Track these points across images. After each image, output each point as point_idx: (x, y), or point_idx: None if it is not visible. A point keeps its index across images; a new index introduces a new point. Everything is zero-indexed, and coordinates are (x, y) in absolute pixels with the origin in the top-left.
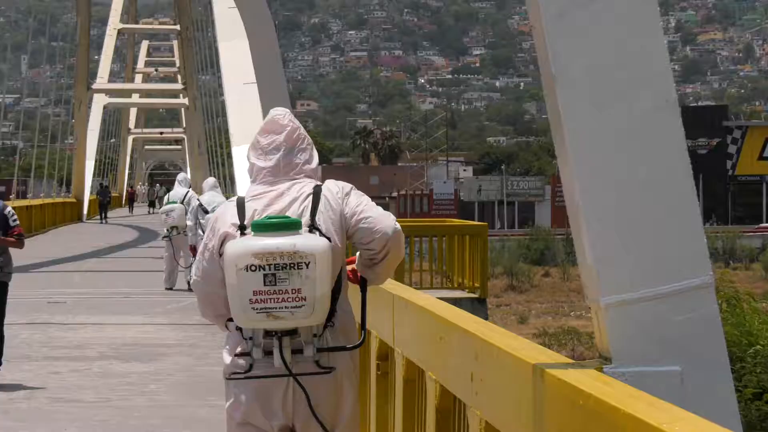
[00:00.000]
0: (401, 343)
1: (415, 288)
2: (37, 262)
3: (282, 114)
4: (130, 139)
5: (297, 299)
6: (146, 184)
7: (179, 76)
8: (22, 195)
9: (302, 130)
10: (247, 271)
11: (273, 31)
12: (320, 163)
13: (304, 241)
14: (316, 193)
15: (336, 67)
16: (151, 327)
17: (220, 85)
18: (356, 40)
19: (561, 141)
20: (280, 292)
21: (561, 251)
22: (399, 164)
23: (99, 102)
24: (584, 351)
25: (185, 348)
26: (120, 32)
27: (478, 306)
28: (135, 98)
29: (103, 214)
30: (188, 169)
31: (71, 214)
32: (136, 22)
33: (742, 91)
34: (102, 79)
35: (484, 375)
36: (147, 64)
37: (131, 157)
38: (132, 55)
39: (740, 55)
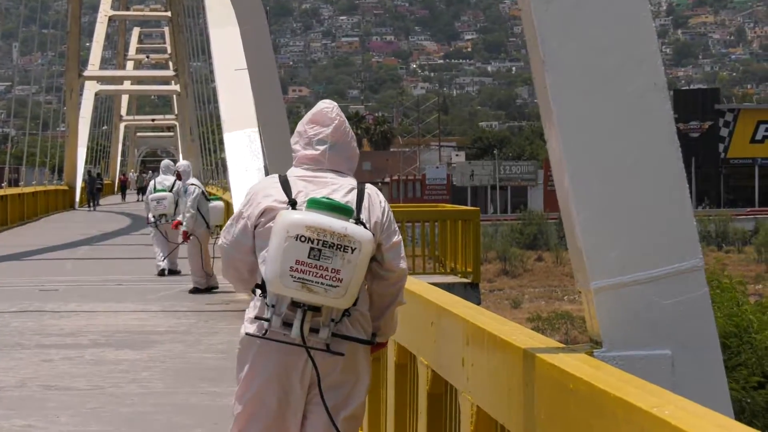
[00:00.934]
0: None
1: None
2: (28, 249)
3: (330, 107)
4: (122, 126)
5: (334, 279)
6: (136, 171)
7: (171, 63)
8: (14, 183)
9: (347, 124)
10: (297, 240)
11: (264, 17)
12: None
13: (354, 228)
14: (361, 190)
15: (327, 52)
16: (143, 314)
17: (212, 72)
18: (348, 26)
19: (550, 125)
20: (321, 268)
21: (554, 235)
22: (391, 149)
23: (90, 89)
24: (578, 335)
25: (178, 335)
26: (111, 19)
27: (470, 291)
28: (126, 85)
29: (91, 202)
30: (180, 156)
31: (63, 201)
32: (127, 9)
33: (734, 74)
34: (93, 66)
35: (475, 360)
36: (138, 50)
37: (123, 144)
38: (123, 41)
39: (732, 38)
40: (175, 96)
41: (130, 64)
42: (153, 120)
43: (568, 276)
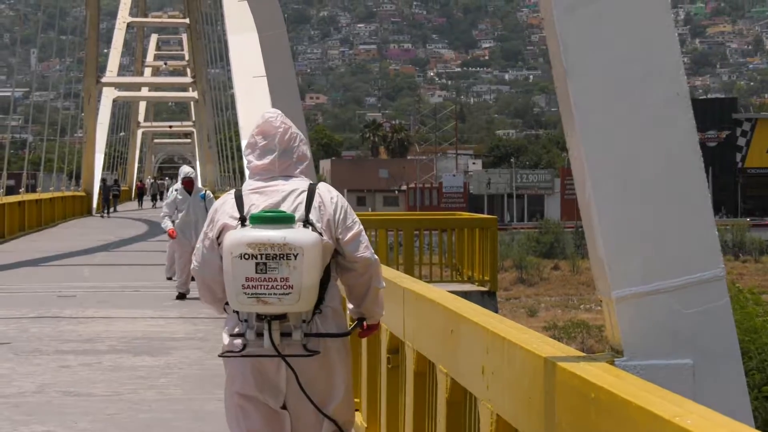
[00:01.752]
0: (412, 336)
1: (425, 281)
2: (46, 255)
3: (274, 116)
4: (139, 132)
5: (285, 287)
6: (151, 177)
7: (188, 70)
8: (31, 188)
9: (294, 129)
10: (241, 258)
11: (282, 24)
12: (329, 156)
13: (294, 234)
14: (311, 191)
15: (345, 60)
16: (161, 320)
17: (230, 79)
18: (365, 33)
19: (572, 134)
20: (270, 279)
21: (570, 244)
22: (408, 157)
23: (108, 95)
24: (594, 344)
25: (195, 341)
26: (129, 25)
27: (487, 299)
28: (144, 92)
29: (105, 209)
30: (197, 163)
31: (80, 207)
32: (146, 16)
33: (752, 83)
34: (111, 73)
35: (495, 368)
36: (156, 57)
37: (140, 151)
38: (141, 48)
39: (749, 47)
40: (192, 103)
41: (147, 71)
42: (170, 127)
43: (584, 285)
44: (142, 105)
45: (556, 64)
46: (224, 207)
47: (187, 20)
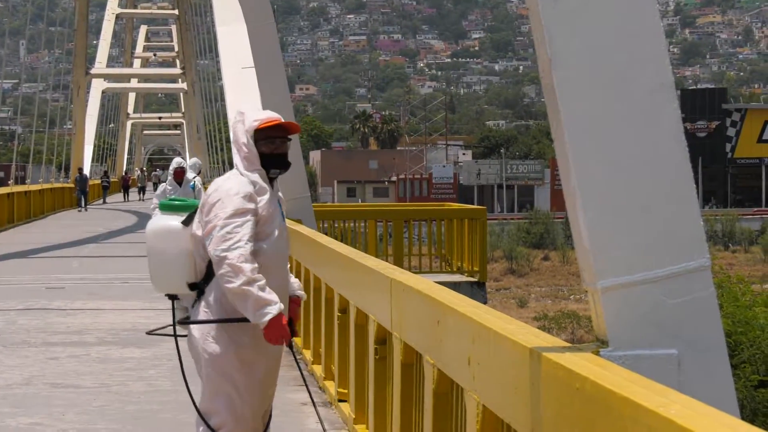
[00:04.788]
0: (399, 327)
1: (414, 272)
2: (35, 247)
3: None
4: (129, 124)
5: (150, 270)
6: (138, 169)
7: (178, 61)
8: (20, 180)
9: (236, 126)
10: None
11: (271, 15)
12: (319, 147)
13: (151, 223)
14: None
15: (335, 51)
16: (150, 312)
17: (219, 70)
18: (355, 24)
19: (557, 124)
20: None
21: (560, 235)
22: (398, 148)
23: (98, 87)
24: (584, 334)
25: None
26: (118, 17)
27: (477, 290)
28: (134, 83)
29: (82, 202)
30: (187, 154)
31: (70, 199)
32: (135, 7)
33: (741, 73)
34: (100, 64)
35: (481, 359)
36: (145, 48)
37: (130, 142)
38: (130, 39)
39: (739, 37)
40: (182, 94)
41: (137, 62)
42: (160, 118)
43: (574, 275)
44: (132, 96)
45: (541, 53)
46: None
47: (176, 11)
